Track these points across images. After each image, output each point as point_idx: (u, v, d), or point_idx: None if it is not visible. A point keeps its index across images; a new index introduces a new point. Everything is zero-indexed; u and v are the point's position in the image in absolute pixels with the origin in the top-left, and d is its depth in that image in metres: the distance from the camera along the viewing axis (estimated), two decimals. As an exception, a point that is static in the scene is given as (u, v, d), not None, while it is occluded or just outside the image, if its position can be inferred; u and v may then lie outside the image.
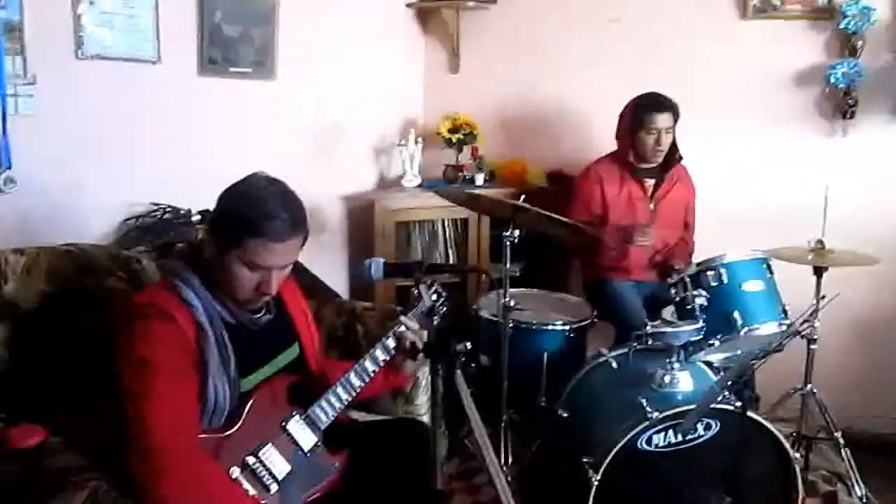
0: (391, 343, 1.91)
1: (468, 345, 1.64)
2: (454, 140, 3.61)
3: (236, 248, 1.64)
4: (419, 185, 3.60)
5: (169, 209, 2.58)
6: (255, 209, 1.64)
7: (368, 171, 3.74)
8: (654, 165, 3.13)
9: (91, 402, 1.71)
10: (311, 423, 1.77)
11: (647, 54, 3.48)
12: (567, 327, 2.76)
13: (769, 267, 2.47)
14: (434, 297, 2.01)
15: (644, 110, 3.04)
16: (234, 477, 1.61)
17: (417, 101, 3.94)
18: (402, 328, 1.91)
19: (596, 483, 2.09)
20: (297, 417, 1.76)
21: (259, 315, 1.79)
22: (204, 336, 1.63)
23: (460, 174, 3.62)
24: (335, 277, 3.43)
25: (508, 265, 2.56)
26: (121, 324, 1.63)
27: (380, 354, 1.89)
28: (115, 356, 1.61)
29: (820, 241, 2.67)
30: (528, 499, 2.71)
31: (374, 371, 1.88)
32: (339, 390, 1.82)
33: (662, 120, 3.00)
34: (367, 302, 2.74)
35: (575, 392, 2.54)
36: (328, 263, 3.46)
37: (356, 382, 1.85)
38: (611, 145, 3.26)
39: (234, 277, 1.67)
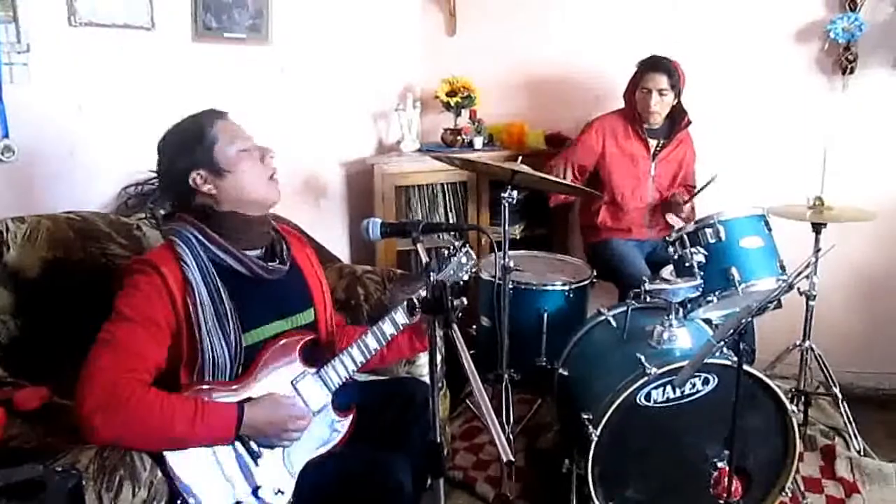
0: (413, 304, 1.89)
1: (465, 300, 1.66)
2: (452, 103, 3.58)
3: (211, 152, 1.72)
4: (418, 150, 3.59)
5: (168, 176, 2.57)
6: (192, 117, 1.79)
7: (367, 137, 3.73)
8: (658, 127, 3.14)
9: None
10: (323, 383, 1.78)
11: (647, 14, 3.45)
12: (566, 287, 2.77)
13: (767, 223, 2.46)
14: (464, 259, 2.00)
15: (639, 69, 3.08)
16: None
17: (415, 64, 3.91)
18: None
19: (595, 439, 2.12)
20: (309, 376, 1.77)
21: (271, 263, 1.79)
22: (192, 292, 1.63)
23: (459, 138, 3.60)
24: (336, 243, 3.44)
25: (508, 227, 2.56)
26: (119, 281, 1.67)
27: (399, 318, 1.89)
28: None
29: (819, 198, 2.68)
30: (530, 456, 2.75)
31: (391, 334, 1.88)
32: (355, 351, 1.83)
33: (655, 80, 3.00)
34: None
35: (575, 351, 2.56)
36: (329, 229, 3.47)
37: (372, 344, 1.85)
38: (609, 107, 3.25)
39: (243, 172, 1.74)
